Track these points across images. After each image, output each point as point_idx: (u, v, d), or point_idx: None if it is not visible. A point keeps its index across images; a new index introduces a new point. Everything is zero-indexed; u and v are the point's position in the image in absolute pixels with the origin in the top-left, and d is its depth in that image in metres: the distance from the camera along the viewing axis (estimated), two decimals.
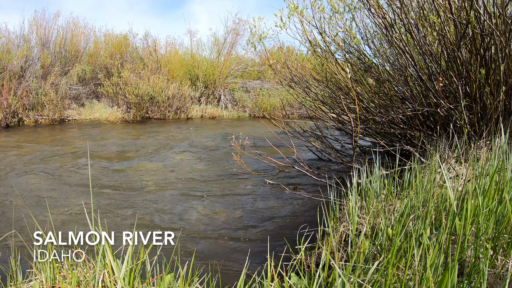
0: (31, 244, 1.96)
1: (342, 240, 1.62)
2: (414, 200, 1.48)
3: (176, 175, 3.66)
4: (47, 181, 3.40)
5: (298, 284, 1.23)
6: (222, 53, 10.23)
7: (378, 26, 2.86)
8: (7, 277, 1.18)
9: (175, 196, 3.04)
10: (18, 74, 7.63)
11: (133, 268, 1.11)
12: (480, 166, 1.76)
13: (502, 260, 1.09)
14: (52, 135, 6.08)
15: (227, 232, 2.36)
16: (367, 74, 3.27)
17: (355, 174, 1.83)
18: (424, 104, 2.63)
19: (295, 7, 2.68)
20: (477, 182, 1.38)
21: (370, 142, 3.57)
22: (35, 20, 8.78)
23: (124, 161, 4.28)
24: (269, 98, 9.22)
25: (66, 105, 8.20)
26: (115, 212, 2.68)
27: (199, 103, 9.76)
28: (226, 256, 2.05)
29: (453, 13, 2.19)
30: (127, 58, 10.01)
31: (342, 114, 3.48)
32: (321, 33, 2.90)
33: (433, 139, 2.57)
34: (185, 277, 1.33)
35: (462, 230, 1.13)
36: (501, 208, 1.21)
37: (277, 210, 2.73)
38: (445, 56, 2.40)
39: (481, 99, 2.37)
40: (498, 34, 2.01)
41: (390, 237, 1.35)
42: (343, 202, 1.93)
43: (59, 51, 9.17)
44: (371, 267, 1.01)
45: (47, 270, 1.10)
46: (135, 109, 7.98)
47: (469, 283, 1.01)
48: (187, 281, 1.12)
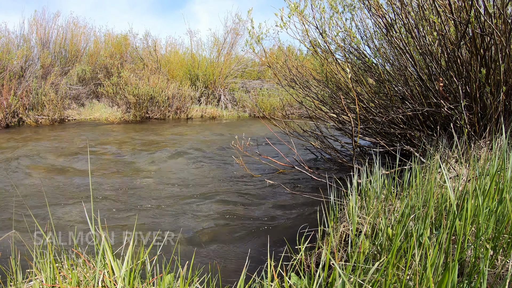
0: (31, 244, 1.96)
1: (342, 240, 1.62)
2: (414, 200, 1.48)
3: (176, 175, 3.66)
4: (47, 181, 3.40)
5: (298, 284, 1.23)
6: (222, 53, 10.23)
7: (378, 26, 2.87)
8: (7, 277, 1.18)
9: (175, 196, 3.04)
10: (18, 74, 7.63)
11: (133, 268, 1.11)
12: (480, 166, 1.76)
13: (502, 260, 1.09)
14: (52, 135, 6.08)
15: (227, 232, 2.36)
16: (367, 74, 3.28)
17: (355, 174, 1.83)
18: (424, 104, 2.63)
19: (296, 7, 2.68)
20: (477, 182, 1.38)
21: (370, 142, 3.57)
22: (35, 20, 8.78)
23: (124, 161, 4.28)
24: (269, 98, 9.22)
25: (66, 105, 8.20)
26: (115, 212, 2.68)
27: (199, 103, 9.76)
28: (226, 256, 2.05)
29: (453, 13, 2.19)
30: (127, 58, 10.01)
31: (342, 114, 3.48)
32: (321, 33, 2.90)
33: (433, 139, 2.57)
34: (185, 277, 1.33)
35: (462, 230, 1.13)
36: (501, 208, 1.21)
37: (277, 210, 2.73)
38: (445, 56, 2.40)
39: (481, 99, 2.37)
40: (498, 34, 2.01)
41: (390, 237, 1.35)
42: (343, 202, 1.93)
43: (59, 51, 9.17)
44: (371, 267, 1.01)
45: (47, 270, 1.09)
46: (135, 109, 7.98)
47: (469, 283, 1.01)
48: (187, 281, 1.11)
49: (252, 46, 3.04)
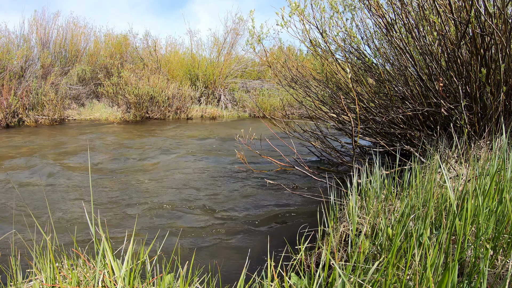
0: (31, 244, 1.96)
1: (342, 240, 1.62)
2: (414, 200, 1.48)
3: (175, 175, 3.66)
4: (47, 181, 3.40)
5: (298, 284, 1.23)
6: (222, 53, 10.23)
7: (378, 26, 2.86)
8: (7, 277, 1.18)
9: (175, 195, 3.04)
10: (18, 74, 7.63)
11: (133, 268, 1.11)
12: (480, 166, 1.76)
13: (502, 260, 1.09)
14: (52, 135, 6.08)
15: (227, 232, 2.36)
16: (367, 74, 3.27)
17: (355, 174, 1.83)
18: (424, 104, 2.63)
19: (296, 6, 2.68)
20: (477, 182, 1.38)
21: (370, 142, 3.57)
22: (35, 20, 8.79)
23: (124, 160, 4.28)
24: (269, 98, 9.22)
25: (66, 105, 8.20)
26: (115, 211, 2.68)
27: (199, 103, 9.76)
28: (226, 256, 2.05)
29: (453, 13, 2.19)
30: (127, 58, 10.02)
31: (342, 114, 3.47)
32: (322, 32, 2.90)
33: (433, 139, 2.57)
34: (185, 277, 1.33)
35: (462, 230, 1.13)
36: (501, 208, 1.21)
37: (277, 210, 2.73)
38: (445, 56, 2.40)
39: (481, 99, 2.37)
40: (498, 34, 2.01)
41: (390, 237, 1.35)
42: (343, 202, 1.93)
43: (59, 51, 9.17)
44: (371, 267, 1.01)
45: (47, 270, 1.09)
46: (135, 109, 7.98)
47: (469, 283, 1.01)
48: (187, 281, 1.11)
49: (253, 46, 3.04)
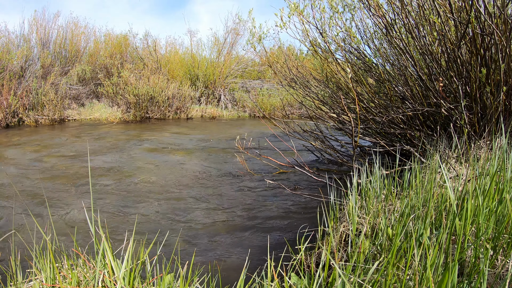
0: (31, 244, 1.96)
1: (342, 240, 1.62)
2: (414, 200, 1.48)
3: (175, 175, 3.66)
4: (47, 181, 3.40)
5: (298, 284, 1.23)
6: (222, 53, 10.23)
7: (378, 26, 2.86)
8: (7, 277, 1.18)
9: (175, 196, 3.04)
10: (18, 74, 7.63)
11: (133, 268, 1.11)
12: (480, 166, 1.76)
13: (502, 260, 1.09)
14: (52, 135, 6.08)
15: (227, 232, 2.36)
16: (367, 74, 3.27)
17: (355, 174, 1.83)
18: (424, 104, 2.63)
19: (295, 7, 2.68)
20: (477, 182, 1.38)
21: (370, 142, 3.57)
22: (35, 20, 8.78)
23: (124, 161, 4.28)
24: (269, 98, 9.22)
25: (66, 105, 8.20)
26: (115, 212, 2.68)
27: (199, 103, 9.76)
28: (226, 256, 2.05)
29: (453, 13, 2.19)
30: (127, 58, 10.01)
31: (342, 114, 3.47)
32: (321, 33, 2.90)
33: (433, 139, 2.57)
34: (185, 277, 1.33)
35: (462, 230, 1.13)
36: (501, 208, 1.21)
37: (277, 210, 2.73)
38: (445, 56, 2.40)
39: (481, 99, 2.37)
40: (498, 34, 2.01)
41: (390, 237, 1.35)
42: (343, 202, 1.93)
43: (59, 51, 9.17)
44: (371, 267, 1.01)
45: (47, 270, 1.09)
46: (135, 109, 7.98)
47: (469, 283, 1.01)
48: (187, 281, 1.11)
49: (254, 45, 3.04)
